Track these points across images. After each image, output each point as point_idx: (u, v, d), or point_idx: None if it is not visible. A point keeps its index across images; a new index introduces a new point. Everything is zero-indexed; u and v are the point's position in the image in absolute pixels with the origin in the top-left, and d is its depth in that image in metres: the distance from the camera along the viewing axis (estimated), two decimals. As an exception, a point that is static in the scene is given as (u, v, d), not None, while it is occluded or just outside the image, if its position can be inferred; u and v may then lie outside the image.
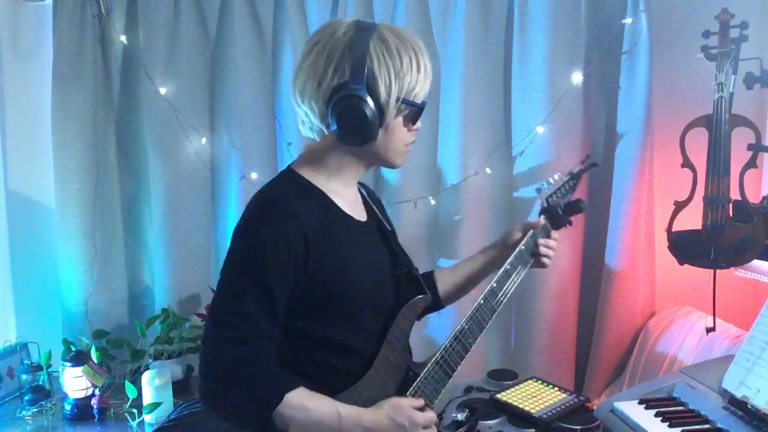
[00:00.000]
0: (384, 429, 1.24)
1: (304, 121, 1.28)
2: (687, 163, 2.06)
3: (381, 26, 1.24)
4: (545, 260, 1.57)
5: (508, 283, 1.48)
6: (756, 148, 1.95)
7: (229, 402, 1.20)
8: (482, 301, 1.42)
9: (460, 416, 1.42)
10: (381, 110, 1.21)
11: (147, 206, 2.62)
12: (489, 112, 2.43)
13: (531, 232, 1.55)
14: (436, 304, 1.54)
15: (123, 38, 2.51)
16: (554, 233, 1.60)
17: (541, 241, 1.55)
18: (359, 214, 1.34)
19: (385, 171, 2.45)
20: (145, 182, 2.60)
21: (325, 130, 1.25)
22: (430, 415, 1.30)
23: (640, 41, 2.23)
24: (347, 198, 1.32)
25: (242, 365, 1.17)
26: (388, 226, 1.41)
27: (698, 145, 2.03)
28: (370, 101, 1.19)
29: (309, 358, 1.26)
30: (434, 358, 1.35)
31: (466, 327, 1.39)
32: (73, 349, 2.41)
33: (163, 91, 2.47)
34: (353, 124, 1.20)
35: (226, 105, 2.53)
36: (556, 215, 1.59)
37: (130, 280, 2.68)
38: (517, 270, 1.50)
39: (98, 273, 2.57)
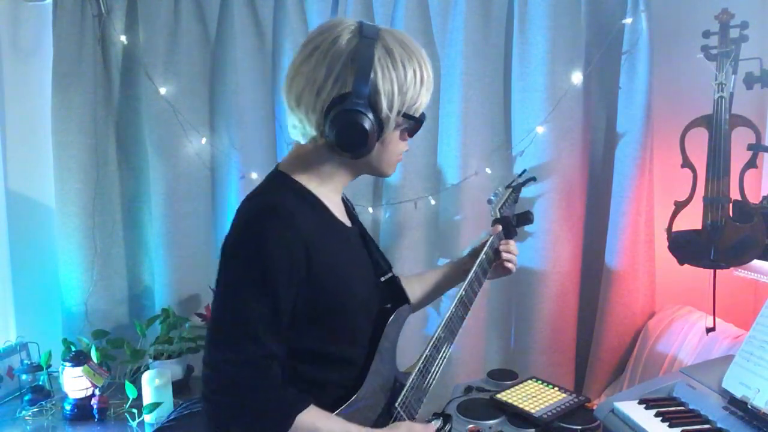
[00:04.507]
0: None
1: (296, 126, 1.24)
2: (687, 163, 2.05)
3: (384, 33, 1.18)
4: (508, 265, 1.62)
5: (472, 293, 1.49)
6: (756, 148, 1.95)
7: (239, 427, 1.12)
8: (454, 310, 1.42)
9: (435, 423, 1.40)
10: (381, 124, 1.18)
11: (147, 206, 2.62)
12: (489, 112, 2.43)
13: (489, 241, 1.59)
14: None
15: (123, 38, 2.52)
16: (512, 241, 1.65)
17: (501, 246, 1.61)
18: (346, 219, 1.32)
19: (385, 171, 2.45)
20: (145, 182, 2.60)
21: (319, 139, 1.21)
22: None
23: (640, 41, 2.23)
24: (337, 203, 1.29)
25: (250, 389, 1.11)
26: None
27: (698, 145, 2.02)
28: (370, 115, 1.15)
29: (300, 373, 1.20)
30: (417, 367, 1.32)
31: (442, 335, 1.37)
32: (73, 349, 2.41)
33: (163, 91, 2.48)
34: (352, 139, 1.16)
35: (226, 105, 2.53)
36: (509, 225, 1.70)
37: (130, 280, 2.68)
38: (480, 279, 1.53)
39: (98, 273, 2.58)
